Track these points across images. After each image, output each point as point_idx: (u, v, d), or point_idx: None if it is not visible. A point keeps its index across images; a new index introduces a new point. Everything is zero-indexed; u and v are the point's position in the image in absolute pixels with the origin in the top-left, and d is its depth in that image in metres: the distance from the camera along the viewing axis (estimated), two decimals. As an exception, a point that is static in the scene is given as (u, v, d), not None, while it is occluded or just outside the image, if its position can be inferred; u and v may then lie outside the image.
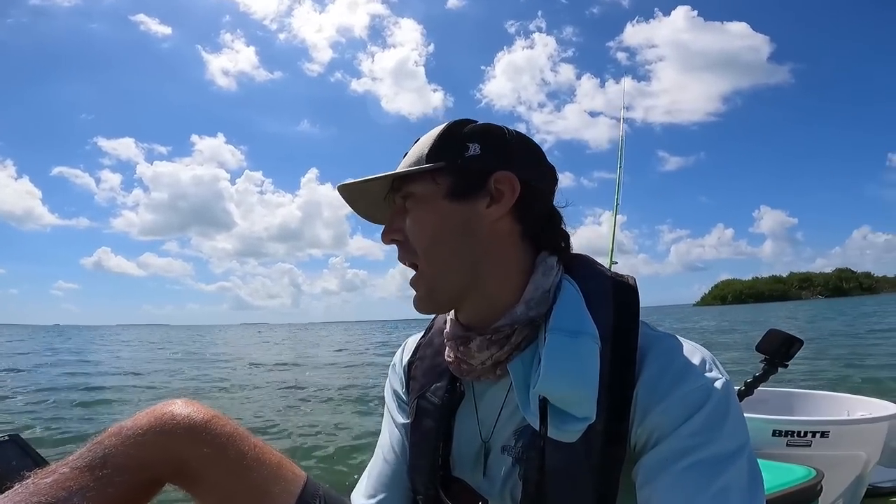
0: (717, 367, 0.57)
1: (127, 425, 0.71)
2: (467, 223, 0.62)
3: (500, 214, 0.62)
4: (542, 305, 0.62)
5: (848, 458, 1.70)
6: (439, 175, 0.63)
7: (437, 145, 0.63)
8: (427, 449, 0.70)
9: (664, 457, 0.53)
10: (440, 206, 0.63)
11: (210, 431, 0.71)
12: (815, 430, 1.70)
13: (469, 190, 0.62)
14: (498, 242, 0.64)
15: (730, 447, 0.52)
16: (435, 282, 0.65)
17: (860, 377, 6.28)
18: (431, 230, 0.63)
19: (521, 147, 0.65)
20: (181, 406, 0.73)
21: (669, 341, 0.60)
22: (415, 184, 0.64)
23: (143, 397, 7.42)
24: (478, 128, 0.64)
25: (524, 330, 0.62)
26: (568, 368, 0.55)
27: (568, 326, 0.58)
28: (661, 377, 0.56)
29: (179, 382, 9.64)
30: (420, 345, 0.80)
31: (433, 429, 0.70)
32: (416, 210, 0.64)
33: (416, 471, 0.72)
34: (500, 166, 0.62)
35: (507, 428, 0.65)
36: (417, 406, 0.73)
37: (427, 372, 0.75)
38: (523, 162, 0.64)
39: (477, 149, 0.62)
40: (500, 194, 0.62)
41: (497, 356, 0.63)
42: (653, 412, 0.55)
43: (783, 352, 1.78)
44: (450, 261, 0.63)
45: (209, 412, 0.75)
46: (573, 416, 0.55)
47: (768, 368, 1.81)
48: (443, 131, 0.64)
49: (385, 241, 0.67)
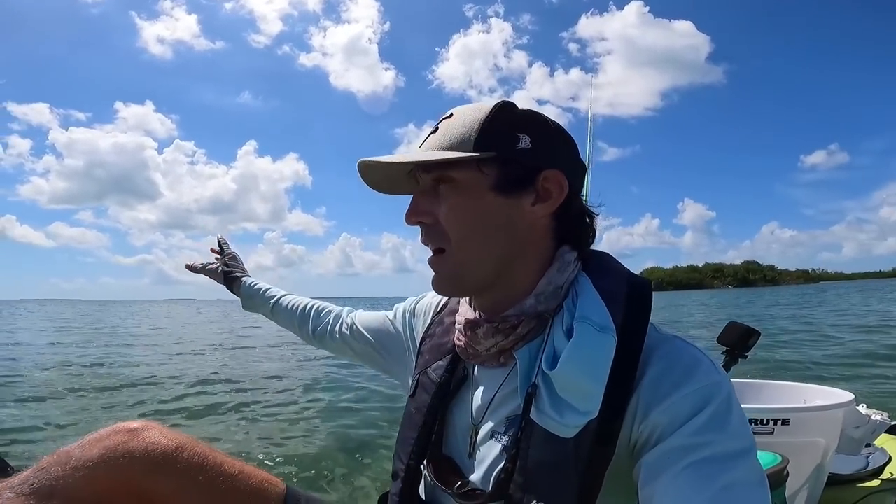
0: (718, 370, 0.57)
1: (74, 453, 0.66)
2: (509, 219, 0.62)
3: (544, 214, 0.62)
4: (552, 300, 0.62)
5: (808, 445, 1.72)
6: (486, 165, 0.60)
7: (486, 131, 0.60)
8: (417, 422, 0.72)
9: (666, 455, 0.52)
10: (484, 198, 0.61)
11: (175, 459, 0.68)
12: (776, 417, 1.70)
13: (517, 185, 0.61)
14: (534, 239, 0.64)
15: (733, 447, 0.51)
16: (463, 269, 0.64)
17: (773, 361, 6.76)
18: (472, 221, 0.62)
19: (563, 139, 0.64)
20: (140, 430, 0.69)
21: (674, 343, 0.60)
22: (457, 170, 0.61)
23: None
24: (527, 116, 0.62)
25: (531, 322, 0.62)
26: (591, 360, 0.55)
27: (597, 320, 0.57)
28: (664, 377, 0.56)
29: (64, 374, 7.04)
30: (433, 321, 0.82)
31: (426, 404, 0.72)
32: (456, 197, 0.62)
33: (402, 442, 0.74)
34: (550, 163, 0.61)
35: (498, 413, 0.65)
36: (418, 381, 0.75)
37: (432, 349, 0.77)
38: (567, 157, 0.64)
39: (528, 141, 0.60)
40: (548, 193, 0.61)
41: (502, 345, 0.63)
42: (655, 411, 0.55)
43: (742, 343, 1.85)
44: (483, 253, 0.63)
45: (174, 436, 0.71)
46: (575, 408, 0.54)
47: (729, 360, 1.88)
48: (492, 115, 0.61)
49: (410, 221, 0.65)
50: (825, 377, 5.73)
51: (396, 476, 0.74)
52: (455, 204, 0.62)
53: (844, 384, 3.45)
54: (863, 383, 5.30)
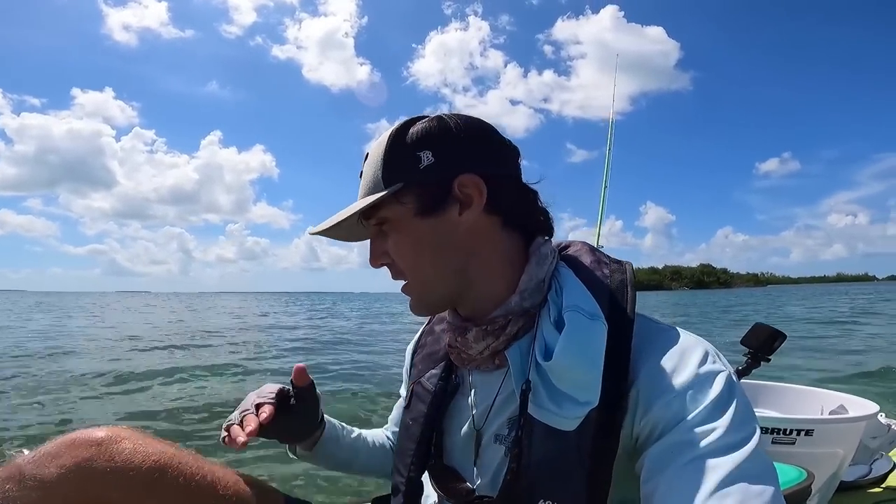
0: (720, 359, 0.57)
1: (27, 467, 0.58)
2: (444, 236, 0.62)
3: (474, 218, 0.61)
4: (536, 295, 0.62)
5: (828, 456, 1.68)
6: (402, 195, 0.61)
7: (389, 164, 0.61)
8: (415, 433, 0.71)
9: (669, 448, 0.51)
10: (414, 226, 0.61)
11: (154, 475, 0.59)
12: (800, 427, 1.67)
13: (437, 203, 0.61)
14: (480, 242, 0.63)
15: (736, 438, 0.49)
16: (425, 292, 0.65)
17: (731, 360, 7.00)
18: (412, 251, 0.62)
19: (471, 137, 0.62)
20: (107, 441, 0.59)
21: (671, 333, 0.59)
22: (383, 209, 0.62)
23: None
24: (422, 131, 0.61)
25: (519, 320, 0.62)
26: (586, 348, 0.55)
27: (586, 308, 0.57)
28: (663, 370, 0.55)
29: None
30: (423, 332, 0.82)
31: (423, 414, 0.71)
32: (393, 233, 0.63)
33: (400, 454, 0.73)
34: (459, 169, 0.60)
35: (500, 416, 0.64)
36: (413, 392, 0.75)
37: (425, 359, 0.77)
38: (479, 154, 0.62)
39: (429, 156, 0.60)
40: (469, 198, 0.61)
41: (494, 346, 0.63)
42: (656, 405, 0.53)
43: (767, 346, 1.75)
44: (435, 273, 0.63)
45: (151, 446, 0.62)
46: (575, 399, 0.54)
47: (751, 362, 1.78)
48: (388, 146, 0.61)
49: (373, 265, 0.67)
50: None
51: (397, 490, 0.72)
52: (394, 241, 0.63)
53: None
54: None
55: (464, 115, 0.64)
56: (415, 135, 0.61)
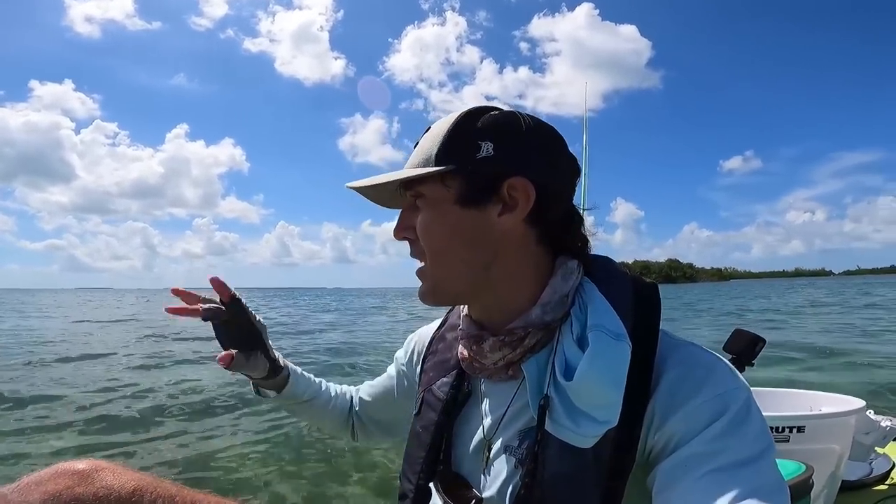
0: (735, 376, 0.56)
1: (12, 496, 0.49)
2: (477, 231, 0.60)
3: (513, 223, 0.60)
4: (558, 309, 0.61)
5: (824, 452, 1.71)
6: (449, 178, 0.59)
7: (447, 143, 0.59)
8: (425, 441, 0.71)
9: (683, 462, 0.50)
10: (450, 212, 0.60)
11: (128, 493, 0.52)
12: (791, 424, 1.69)
13: (481, 196, 0.59)
14: (510, 249, 0.61)
15: (751, 453, 0.48)
16: (439, 282, 0.64)
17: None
18: (440, 236, 0.61)
19: (537, 142, 0.61)
20: (89, 472, 0.51)
21: (689, 349, 0.58)
22: (424, 185, 0.61)
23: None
24: (491, 121, 0.60)
25: (538, 333, 0.61)
26: (610, 369, 0.53)
27: (611, 328, 0.56)
28: (680, 384, 0.54)
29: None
30: (434, 338, 0.81)
31: (433, 422, 0.71)
32: (426, 212, 0.62)
33: (409, 462, 0.73)
34: (515, 170, 0.59)
35: (511, 427, 0.63)
36: (423, 399, 0.74)
37: (436, 366, 0.76)
38: (540, 161, 0.60)
39: (490, 148, 0.58)
40: (514, 202, 0.59)
41: (510, 357, 0.62)
42: (672, 419, 0.53)
43: (749, 351, 1.79)
44: (456, 266, 0.62)
45: (130, 477, 0.54)
46: (594, 418, 0.53)
47: (736, 368, 1.74)
48: (453, 126, 0.60)
49: (396, 236, 0.66)
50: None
51: (405, 497, 0.72)
52: (424, 220, 0.62)
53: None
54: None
55: (540, 119, 0.62)
56: (482, 123, 0.60)
